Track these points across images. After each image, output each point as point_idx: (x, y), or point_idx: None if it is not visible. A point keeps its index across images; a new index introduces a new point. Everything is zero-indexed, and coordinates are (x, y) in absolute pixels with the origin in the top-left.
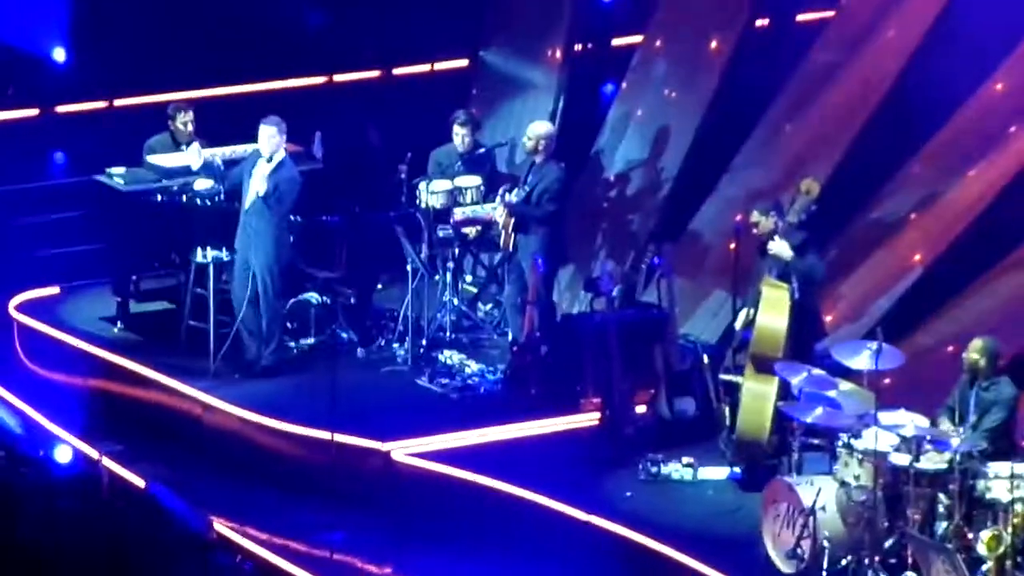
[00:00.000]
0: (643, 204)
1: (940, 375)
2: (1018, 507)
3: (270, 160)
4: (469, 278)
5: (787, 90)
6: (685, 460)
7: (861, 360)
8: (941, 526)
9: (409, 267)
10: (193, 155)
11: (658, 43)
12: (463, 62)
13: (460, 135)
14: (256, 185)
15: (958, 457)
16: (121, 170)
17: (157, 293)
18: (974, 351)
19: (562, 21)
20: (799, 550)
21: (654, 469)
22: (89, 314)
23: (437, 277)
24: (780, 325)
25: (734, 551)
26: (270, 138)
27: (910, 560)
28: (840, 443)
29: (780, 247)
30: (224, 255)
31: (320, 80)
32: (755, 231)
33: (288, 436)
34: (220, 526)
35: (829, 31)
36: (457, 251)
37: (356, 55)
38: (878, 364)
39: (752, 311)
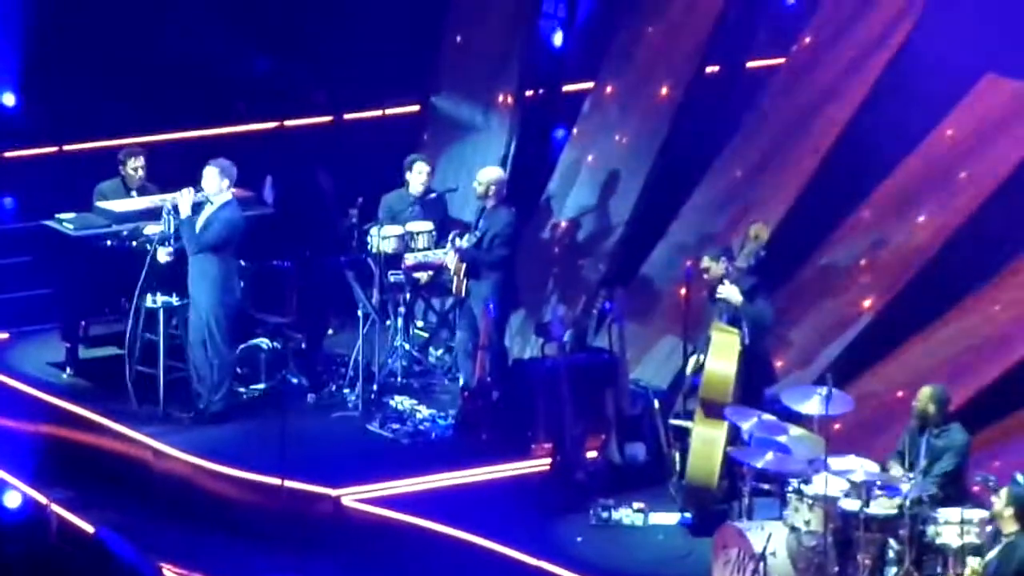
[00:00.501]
0: (594, 249)
1: (890, 420)
2: (971, 561)
3: (211, 202)
4: (420, 323)
5: (737, 136)
6: (636, 505)
7: (811, 405)
8: (891, 571)
9: (360, 312)
10: (186, 201)
11: (609, 89)
12: (414, 107)
13: (422, 174)
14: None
15: (908, 503)
16: (71, 215)
17: (106, 339)
18: (923, 399)
19: (513, 66)
20: None
21: (605, 514)
22: (38, 359)
23: (388, 322)
24: (729, 370)
25: None
26: (210, 179)
27: None
28: (790, 488)
29: (730, 291)
30: (174, 300)
31: (271, 125)
32: (705, 276)
33: (238, 481)
34: (169, 572)
35: (779, 78)
36: (408, 296)
37: (307, 100)
38: (828, 409)
39: (702, 357)
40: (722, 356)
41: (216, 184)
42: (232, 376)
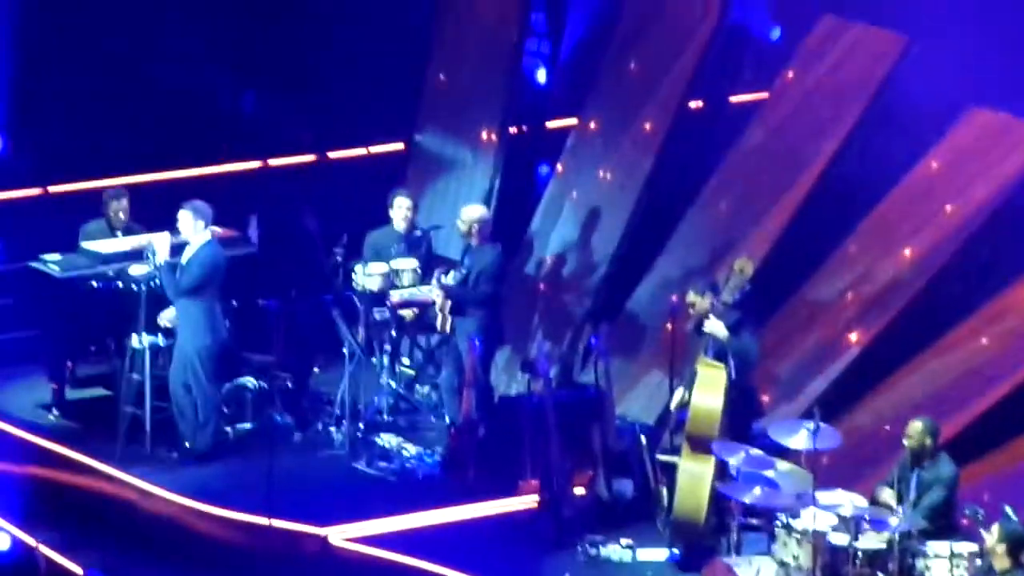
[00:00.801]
0: (579, 285)
1: (877, 454)
2: None
3: (189, 244)
4: (406, 360)
5: (722, 170)
6: (624, 541)
7: (799, 440)
8: None
9: (346, 350)
10: (163, 246)
11: (593, 124)
12: (399, 145)
13: (403, 209)
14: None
15: (897, 536)
16: (56, 256)
17: (93, 379)
18: (917, 433)
19: (497, 103)
20: None
21: (593, 550)
22: (24, 401)
23: (374, 360)
24: (715, 404)
25: None
26: (185, 222)
27: None
28: (779, 523)
29: (715, 326)
30: (160, 340)
31: (255, 164)
32: (691, 311)
33: (225, 521)
34: None
35: (763, 111)
36: (394, 333)
37: (292, 139)
38: (816, 443)
39: (687, 392)
40: (708, 391)
41: (191, 227)
42: (218, 415)
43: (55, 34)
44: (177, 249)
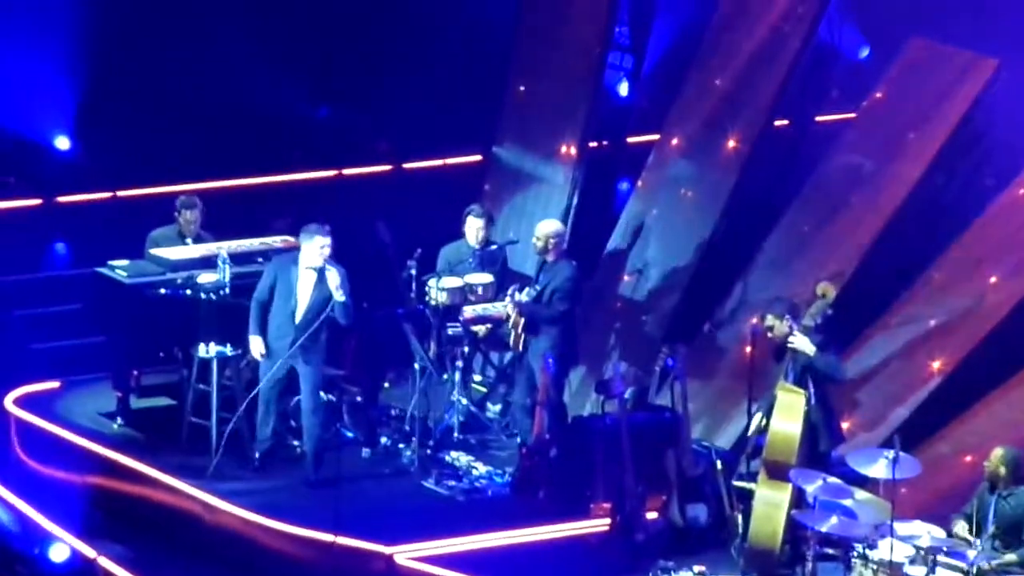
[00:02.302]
0: (657, 305)
1: (958, 485)
2: None
3: (323, 268)
4: (478, 377)
5: (806, 191)
6: (697, 568)
7: (878, 468)
8: None
9: (417, 365)
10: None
11: (675, 141)
12: (476, 157)
13: (475, 228)
14: (310, 296)
15: (975, 570)
16: (124, 262)
17: (158, 389)
18: (994, 460)
19: (577, 117)
20: None
21: None
22: (88, 409)
23: (445, 376)
24: (794, 431)
25: None
26: (322, 247)
27: None
28: (855, 553)
29: (802, 342)
30: (228, 350)
31: (330, 173)
32: (770, 335)
33: (290, 537)
34: None
35: (849, 133)
36: (466, 350)
37: (368, 149)
38: (895, 473)
39: (764, 418)
40: (787, 417)
41: (322, 247)
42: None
43: (126, 38)
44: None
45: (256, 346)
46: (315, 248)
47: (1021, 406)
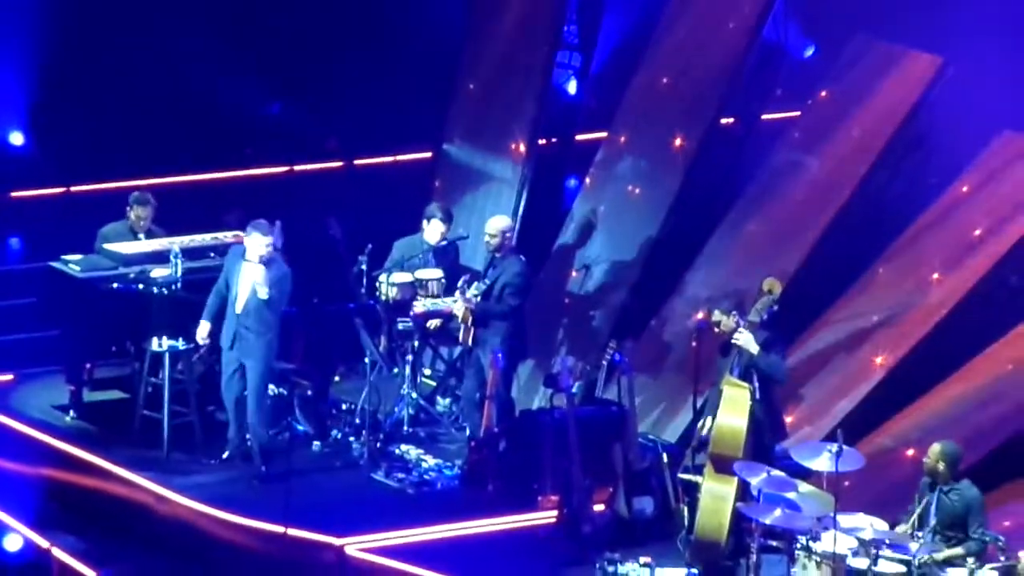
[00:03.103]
0: (605, 300)
1: (900, 478)
2: None
3: (264, 263)
4: (428, 371)
5: (751, 188)
6: (643, 560)
7: (821, 462)
8: None
9: (367, 359)
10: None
11: (623, 139)
12: (426, 154)
13: (438, 231)
14: (250, 289)
15: (916, 562)
16: (77, 257)
17: (111, 382)
18: (933, 455)
19: (526, 115)
20: None
21: (611, 568)
22: (42, 402)
23: (396, 370)
24: (740, 425)
25: None
26: (265, 245)
27: None
28: (799, 545)
29: (747, 339)
30: (180, 344)
31: (281, 169)
32: (716, 330)
33: (241, 528)
34: None
35: (795, 130)
36: (416, 344)
37: (319, 145)
38: (838, 466)
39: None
40: (733, 411)
41: (264, 246)
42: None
43: (80, 34)
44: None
45: (201, 329)
46: (256, 244)
47: (962, 401)
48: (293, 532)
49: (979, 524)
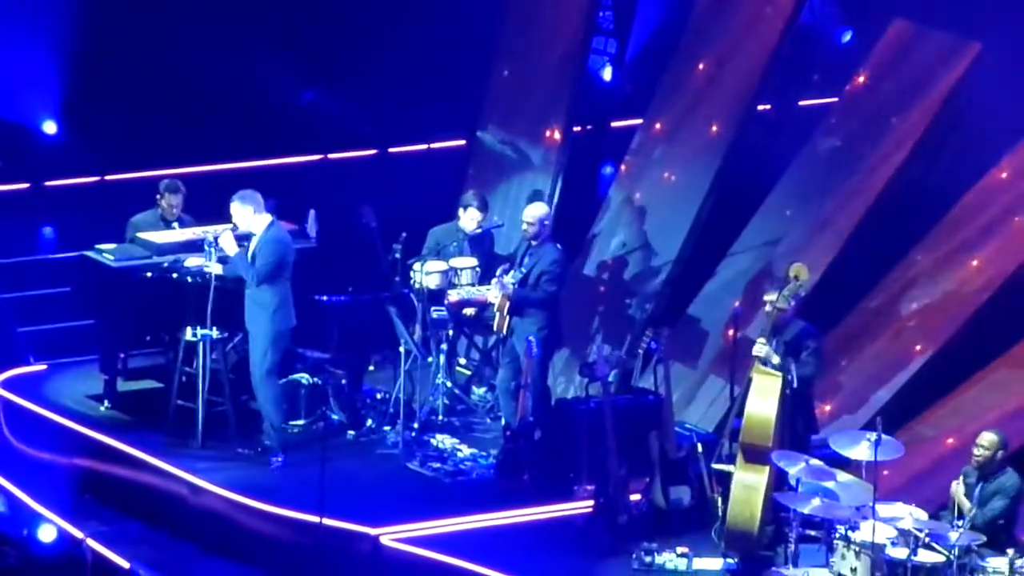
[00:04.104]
0: (641, 288)
1: (939, 467)
2: None
3: (254, 233)
4: (463, 360)
5: (788, 175)
6: (680, 550)
7: (860, 451)
8: None
9: (402, 348)
10: (229, 240)
11: (658, 125)
12: (460, 141)
13: (475, 219)
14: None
15: (956, 551)
16: (111, 246)
17: (145, 371)
18: (992, 443)
19: (561, 102)
20: None
21: (648, 558)
22: (76, 392)
23: (430, 359)
24: (769, 413)
25: None
26: (239, 214)
27: None
28: (837, 535)
29: (765, 351)
30: (214, 333)
31: (315, 158)
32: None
33: (276, 519)
34: None
35: (832, 117)
36: (451, 333)
37: (353, 133)
38: (877, 455)
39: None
40: (763, 399)
41: (247, 216)
42: (279, 410)
43: (113, 23)
44: (242, 239)
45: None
46: (234, 214)
47: (1001, 389)
48: (328, 522)
49: (999, 508)
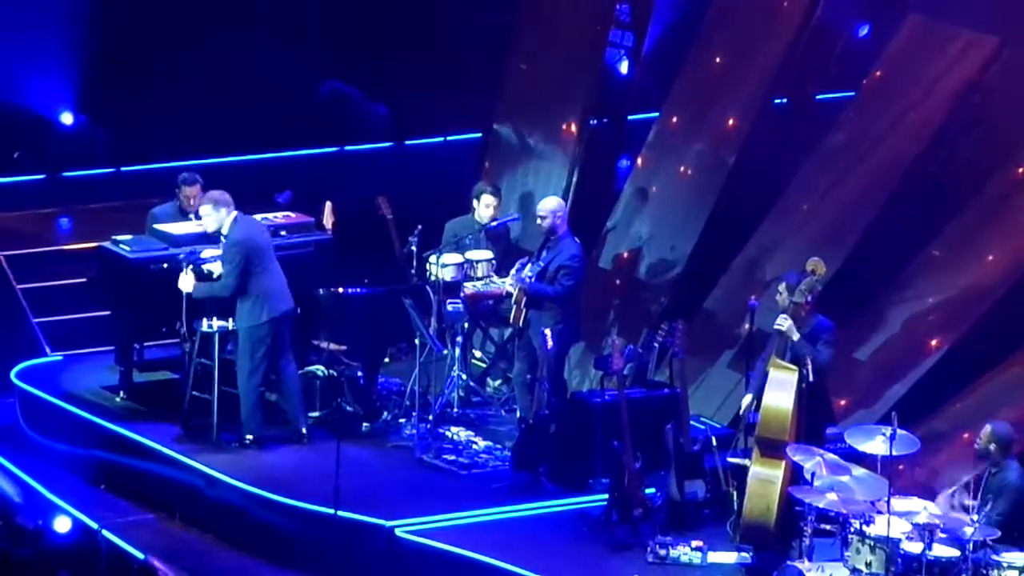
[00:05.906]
0: (656, 281)
1: (955, 462)
2: None
3: (224, 237)
4: (478, 353)
5: (805, 169)
6: (694, 543)
7: (875, 445)
8: None
9: (417, 341)
10: (186, 282)
11: (675, 119)
12: (477, 134)
13: (490, 206)
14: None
15: (971, 546)
16: (128, 237)
17: (160, 363)
18: (984, 436)
19: (578, 95)
20: None
21: (662, 552)
22: (92, 383)
23: (446, 352)
24: (786, 407)
25: None
26: (209, 218)
27: None
28: (852, 529)
29: (788, 326)
30: (230, 325)
31: (331, 150)
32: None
33: (290, 511)
34: None
35: (849, 111)
36: (467, 325)
37: (369, 125)
38: (892, 450)
39: (752, 397)
40: (779, 393)
41: (216, 218)
42: (255, 409)
43: (130, 15)
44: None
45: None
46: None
47: (1018, 384)
48: (342, 514)
49: (1003, 506)
